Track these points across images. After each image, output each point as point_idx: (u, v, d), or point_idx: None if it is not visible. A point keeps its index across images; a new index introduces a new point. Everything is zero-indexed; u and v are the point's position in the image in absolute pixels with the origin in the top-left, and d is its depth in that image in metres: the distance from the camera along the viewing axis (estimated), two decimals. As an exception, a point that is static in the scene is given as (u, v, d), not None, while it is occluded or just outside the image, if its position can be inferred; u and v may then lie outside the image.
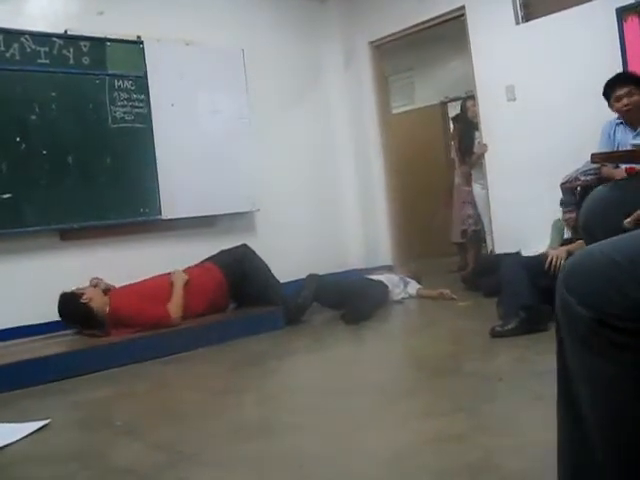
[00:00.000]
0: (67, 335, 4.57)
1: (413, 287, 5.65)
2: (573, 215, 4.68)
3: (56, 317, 4.63)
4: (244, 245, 5.13)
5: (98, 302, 4.43)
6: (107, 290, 4.60)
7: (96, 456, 2.46)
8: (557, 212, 4.88)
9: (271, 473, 2.13)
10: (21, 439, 2.70)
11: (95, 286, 4.62)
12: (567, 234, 4.88)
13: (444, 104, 9.25)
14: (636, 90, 4.10)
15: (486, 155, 6.02)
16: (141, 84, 5.34)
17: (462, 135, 6.75)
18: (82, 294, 4.43)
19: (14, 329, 4.57)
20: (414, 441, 2.26)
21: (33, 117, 4.80)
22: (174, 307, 4.53)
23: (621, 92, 4.11)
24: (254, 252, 5.09)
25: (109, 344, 4.17)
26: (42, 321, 4.66)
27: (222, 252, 5.08)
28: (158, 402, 3.31)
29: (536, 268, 4.12)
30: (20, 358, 3.87)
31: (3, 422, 2.94)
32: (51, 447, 2.61)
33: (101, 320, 4.41)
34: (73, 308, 4.41)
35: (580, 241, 4.33)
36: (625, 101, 4.11)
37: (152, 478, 2.18)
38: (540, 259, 4.26)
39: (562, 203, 4.83)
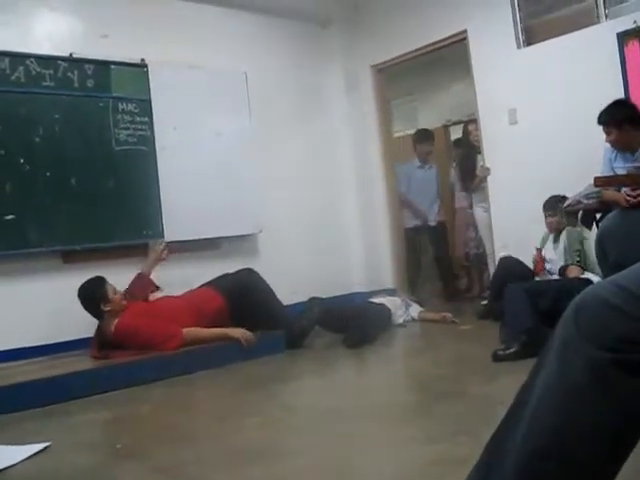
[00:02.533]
0: (68, 357, 4.55)
1: (415, 310, 5.64)
2: (555, 219, 4.84)
3: (58, 339, 4.65)
4: (248, 270, 5.11)
5: (110, 319, 4.48)
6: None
7: (97, 479, 2.44)
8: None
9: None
10: (21, 461, 2.69)
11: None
12: (550, 240, 4.93)
13: (446, 127, 9.29)
14: (612, 128, 4.23)
15: (489, 178, 6.04)
16: (145, 107, 5.38)
17: (463, 159, 6.79)
18: (108, 300, 4.48)
19: (15, 350, 4.56)
20: (416, 465, 2.24)
21: (37, 139, 4.82)
22: (190, 333, 4.49)
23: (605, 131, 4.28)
24: (259, 276, 5.07)
25: (110, 366, 4.16)
26: (43, 343, 4.67)
27: (224, 276, 5.06)
28: (159, 425, 3.29)
29: (536, 291, 4.12)
30: (21, 380, 3.86)
31: (3, 444, 2.92)
32: (51, 470, 2.59)
33: (102, 333, 4.47)
34: (88, 303, 4.49)
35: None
36: (608, 139, 4.28)
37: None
38: (541, 283, 4.27)
39: (545, 208, 4.88)
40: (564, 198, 4.74)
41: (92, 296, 4.50)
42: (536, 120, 5.53)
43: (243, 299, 4.83)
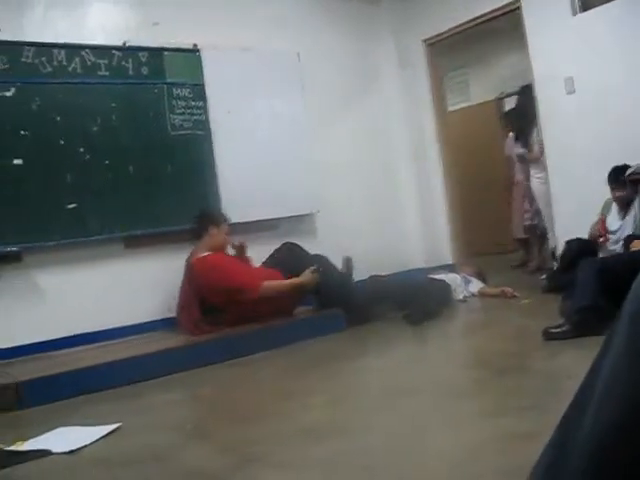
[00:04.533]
0: (132, 341, 4.66)
1: (475, 286, 5.60)
2: (623, 193, 4.69)
3: (122, 323, 4.77)
4: (292, 244, 5.19)
5: (204, 248, 4.75)
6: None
7: (167, 459, 2.50)
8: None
9: (340, 474, 2.14)
10: (94, 442, 2.77)
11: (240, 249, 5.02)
12: (617, 213, 4.81)
13: (500, 100, 9.15)
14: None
15: (546, 149, 5.92)
16: (199, 91, 5.42)
17: (520, 122, 6.67)
18: (218, 226, 4.85)
19: (80, 335, 4.67)
20: (482, 440, 2.24)
21: (95, 128, 4.91)
22: (269, 286, 4.65)
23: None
24: (301, 247, 5.17)
25: (175, 348, 4.24)
26: (107, 327, 4.77)
27: (275, 256, 5.12)
28: (226, 405, 3.35)
29: (611, 267, 4.00)
30: (90, 364, 3.96)
31: (77, 425, 3.02)
32: (122, 450, 2.66)
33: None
34: (202, 217, 4.90)
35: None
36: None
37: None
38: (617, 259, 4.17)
39: (610, 181, 4.75)
40: (626, 167, 4.61)
41: (209, 215, 4.92)
42: (594, 89, 5.39)
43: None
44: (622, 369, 1.07)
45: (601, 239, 4.83)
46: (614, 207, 4.84)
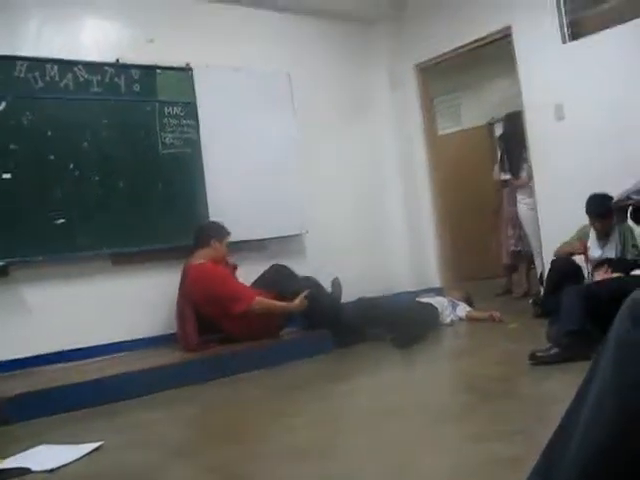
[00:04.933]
0: (118, 358, 4.63)
1: (462, 310, 5.61)
2: (603, 223, 4.71)
3: (109, 340, 4.74)
4: (277, 267, 5.20)
5: (200, 257, 4.78)
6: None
7: (149, 478, 2.47)
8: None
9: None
10: (75, 460, 2.74)
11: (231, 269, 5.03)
12: (596, 240, 4.83)
13: (491, 125, 9.21)
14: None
15: (535, 175, 5.95)
16: (190, 110, 5.44)
17: (509, 145, 6.69)
18: (220, 241, 4.89)
19: (66, 352, 4.65)
20: (470, 464, 2.23)
21: (85, 144, 4.91)
22: (262, 302, 4.67)
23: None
24: (290, 269, 5.18)
25: (161, 367, 4.21)
26: (94, 344, 4.75)
27: (264, 277, 5.13)
28: (211, 424, 3.32)
29: (593, 293, 4.01)
30: (75, 381, 3.93)
31: (57, 444, 2.98)
32: (103, 469, 2.64)
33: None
34: (205, 228, 4.99)
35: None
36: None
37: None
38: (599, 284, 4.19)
39: (589, 212, 4.76)
40: (605, 196, 4.63)
41: (214, 227, 4.95)
42: (584, 116, 5.44)
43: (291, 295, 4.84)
44: (608, 394, 1.07)
45: (581, 255, 4.85)
46: (592, 234, 4.87)
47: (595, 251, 4.81)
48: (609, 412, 1.07)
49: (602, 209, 4.57)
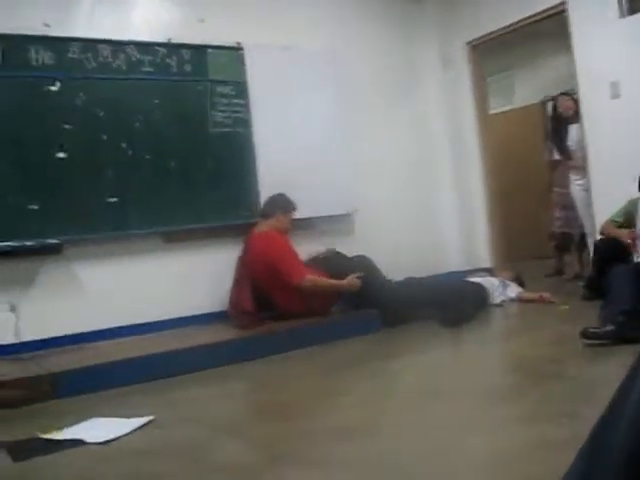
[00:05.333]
0: (167, 335, 4.70)
1: (513, 290, 5.55)
2: None
3: (160, 317, 4.82)
4: (334, 250, 5.29)
5: (266, 225, 4.98)
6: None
7: (198, 453, 2.52)
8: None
9: (369, 473, 2.13)
10: (127, 434, 2.80)
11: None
12: None
13: (544, 103, 9.03)
14: None
15: (589, 155, 5.83)
16: (241, 89, 5.45)
17: (553, 133, 6.58)
18: (286, 214, 5.08)
19: (118, 328, 4.73)
20: (516, 446, 2.21)
21: (137, 124, 4.96)
22: (314, 279, 4.73)
23: None
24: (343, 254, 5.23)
25: (211, 344, 4.26)
26: (146, 320, 4.82)
27: (320, 258, 5.19)
28: (260, 401, 3.36)
29: None
30: (126, 356, 4.00)
31: (112, 417, 3.06)
32: (154, 443, 2.69)
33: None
34: (276, 199, 5.14)
35: None
36: None
37: (251, 476, 2.21)
38: None
39: None
40: None
41: (281, 200, 5.10)
42: (640, 93, 5.30)
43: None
44: None
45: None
46: None
47: None
48: None
49: None
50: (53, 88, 4.64)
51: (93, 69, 4.80)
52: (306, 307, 4.76)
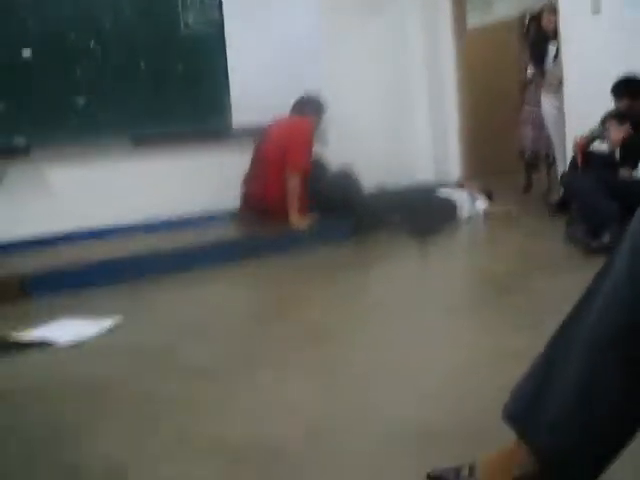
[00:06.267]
0: (137, 238, 4.68)
1: (481, 204, 5.59)
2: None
3: (128, 221, 4.79)
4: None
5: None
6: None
7: (168, 354, 2.56)
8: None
9: (332, 378, 2.18)
10: (95, 334, 2.83)
11: None
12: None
13: (523, 18, 8.89)
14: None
15: (565, 72, 5.78)
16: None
17: (535, 49, 6.50)
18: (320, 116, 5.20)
19: (86, 231, 4.72)
20: (474, 357, 2.27)
21: (107, 23, 4.82)
22: (295, 185, 4.78)
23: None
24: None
25: (183, 248, 4.28)
26: (114, 224, 4.80)
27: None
28: (230, 305, 3.38)
29: (612, 182, 3.99)
30: (93, 259, 4.01)
31: (80, 318, 3.07)
32: (123, 343, 2.73)
33: None
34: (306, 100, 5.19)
35: None
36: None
37: (221, 377, 2.26)
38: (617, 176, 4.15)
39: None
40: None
41: (316, 101, 5.20)
42: (621, 9, 5.22)
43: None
44: (623, 282, 1.09)
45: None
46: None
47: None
48: (623, 297, 1.08)
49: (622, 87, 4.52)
50: (18, -18, 4.47)
51: (61, -37, 4.61)
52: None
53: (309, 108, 5.04)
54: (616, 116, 4.45)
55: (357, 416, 1.86)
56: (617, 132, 4.38)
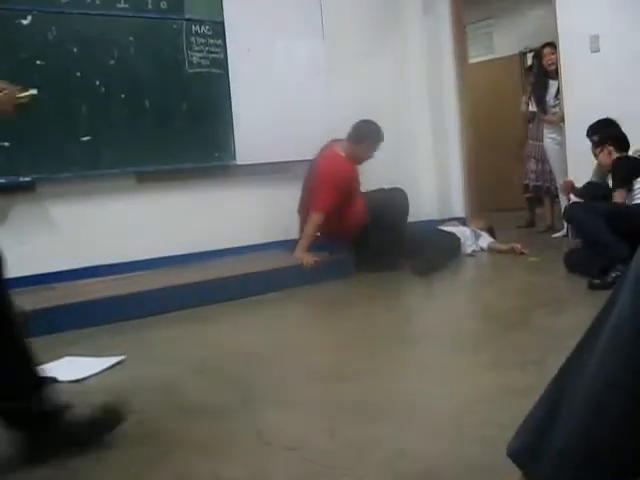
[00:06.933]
0: (136, 277, 4.68)
1: (485, 240, 5.60)
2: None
3: (128, 258, 4.79)
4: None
5: (349, 151, 5.17)
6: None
7: (170, 392, 2.55)
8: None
9: (336, 415, 2.17)
10: (99, 373, 2.83)
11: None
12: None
13: (523, 54, 9.00)
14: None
15: (566, 108, 5.83)
16: (218, 29, 5.33)
17: (535, 86, 6.58)
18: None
19: (90, 268, 4.70)
20: (480, 393, 2.26)
21: (112, 62, 4.85)
22: (310, 226, 4.90)
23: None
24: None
25: (182, 285, 4.27)
26: (116, 261, 4.80)
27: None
28: (231, 343, 3.37)
29: (615, 215, 3.99)
30: (97, 296, 4.00)
31: (83, 356, 3.07)
32: (127, 381, 2.72)
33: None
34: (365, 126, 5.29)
35: None
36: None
37: (223, 416, 2.24)
38: (618, 206, 4.16)
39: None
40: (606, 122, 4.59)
41: (374, 129, 5.28)
42: (620, 48, 5.29)
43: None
44: (626, 321, 1.08)
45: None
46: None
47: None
48: (627, 337, 1.08)
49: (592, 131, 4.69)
50: (24, 22, 4.51)
51: (66, 3, 4.65)
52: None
53: (369, 134, 5.17)
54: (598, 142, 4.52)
55: (358, 453, 1.84)
56: (606, 157, 4.45)
